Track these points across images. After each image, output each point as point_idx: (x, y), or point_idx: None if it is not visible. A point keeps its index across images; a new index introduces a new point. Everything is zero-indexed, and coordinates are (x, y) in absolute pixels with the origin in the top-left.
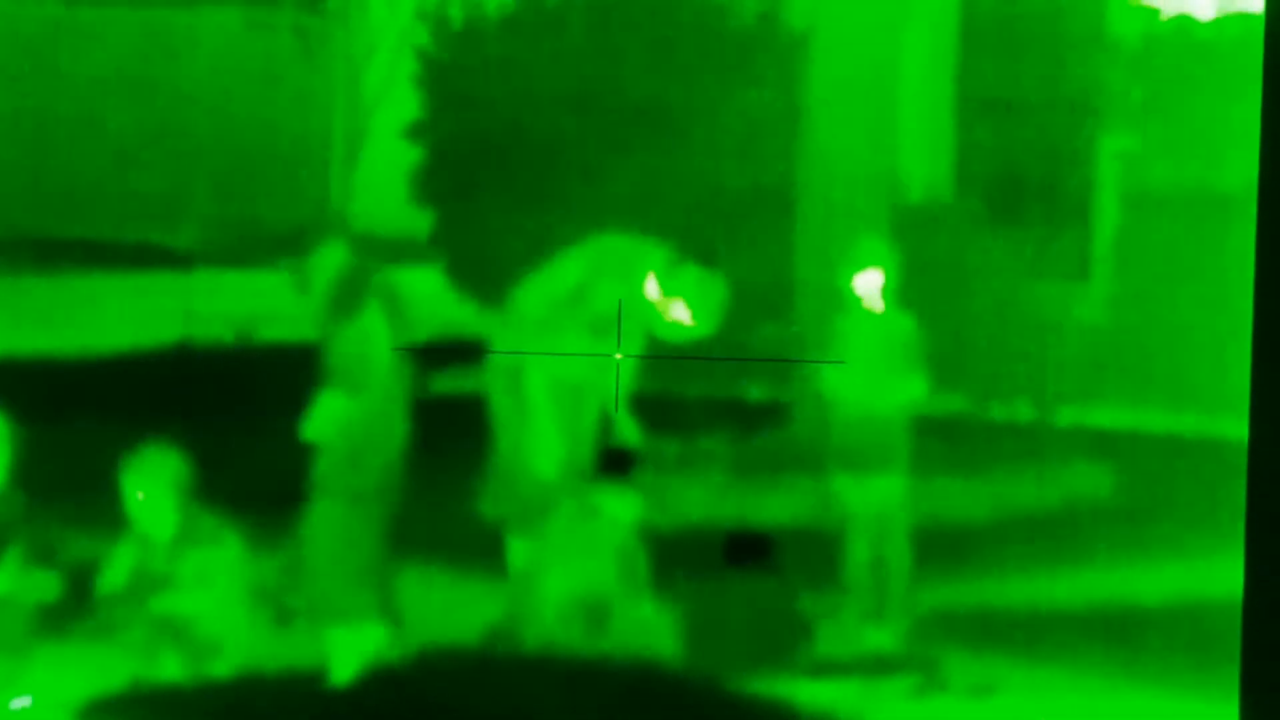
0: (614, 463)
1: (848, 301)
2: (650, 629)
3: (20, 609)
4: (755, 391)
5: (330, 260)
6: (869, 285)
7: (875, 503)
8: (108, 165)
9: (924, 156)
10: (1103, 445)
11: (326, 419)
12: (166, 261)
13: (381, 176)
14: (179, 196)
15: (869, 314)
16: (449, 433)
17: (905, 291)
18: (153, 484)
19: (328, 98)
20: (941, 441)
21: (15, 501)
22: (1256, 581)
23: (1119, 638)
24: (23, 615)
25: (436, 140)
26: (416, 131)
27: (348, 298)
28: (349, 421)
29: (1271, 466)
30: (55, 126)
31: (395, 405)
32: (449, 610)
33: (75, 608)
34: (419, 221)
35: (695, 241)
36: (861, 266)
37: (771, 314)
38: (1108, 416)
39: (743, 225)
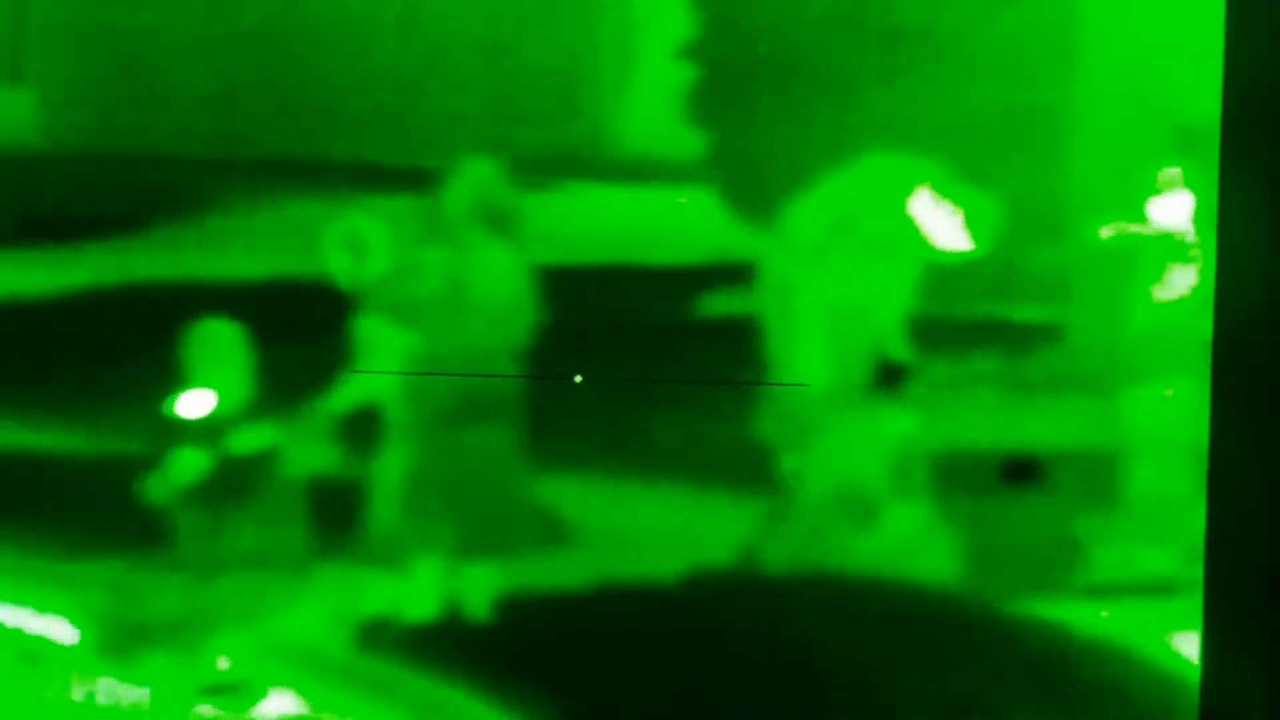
0: (887, 377)
1: (1135, 223)
2: (925, 545)
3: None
4: (1027, 311)
5: (468, 183)
6: (1173, 207)
7: (1157, 421)
8: (376, 88)
9: (1200, 75)
10: None
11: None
12: (435, 184)
13: (652, 97)
14: (448, 121)
15: (1157, 232)
16: (720, 355)
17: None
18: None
19: (597, 18)
20: None
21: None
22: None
23: None
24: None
25: (707, 60)
26: (687, 52)
27: (473, 222)
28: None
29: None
30: (326, 48)
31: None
32: (715, 531)
33: None
34: (691, 143)
35: (965, 161)
36: (1157, 190)
37: (1044, 235)
38: None
39: (1013, 146)
